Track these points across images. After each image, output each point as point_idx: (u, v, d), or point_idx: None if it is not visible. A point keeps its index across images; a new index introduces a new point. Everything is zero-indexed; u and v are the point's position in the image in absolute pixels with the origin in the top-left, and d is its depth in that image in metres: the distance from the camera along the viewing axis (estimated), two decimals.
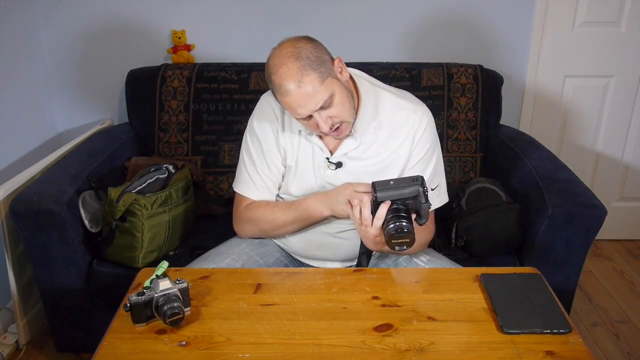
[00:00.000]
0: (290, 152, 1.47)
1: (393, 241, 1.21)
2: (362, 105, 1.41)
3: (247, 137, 1.51)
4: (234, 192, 1.56)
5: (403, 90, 1.51)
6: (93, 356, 1.06)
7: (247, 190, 1.51)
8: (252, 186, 1.50)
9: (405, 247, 1.22)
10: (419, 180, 1.24)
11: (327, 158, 1.44)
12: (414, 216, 1.25)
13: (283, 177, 1.51)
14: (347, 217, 1.35)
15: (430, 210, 1.50)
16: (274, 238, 1.56)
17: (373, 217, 1.25)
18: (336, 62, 1.34)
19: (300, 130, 1.44)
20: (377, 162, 1.44)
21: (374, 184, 1.25)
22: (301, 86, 1.25)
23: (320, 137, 1.44)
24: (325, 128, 1.31)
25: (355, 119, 1.40)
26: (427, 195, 1.24)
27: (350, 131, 1.41)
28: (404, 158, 1.44)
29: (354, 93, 1.41)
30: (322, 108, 1.29)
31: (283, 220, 1.46)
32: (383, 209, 1.24)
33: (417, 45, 2.34)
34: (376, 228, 1.26)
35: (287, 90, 1.26)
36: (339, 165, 1.44)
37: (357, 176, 1.43)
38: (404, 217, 1.22)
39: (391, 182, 1.25)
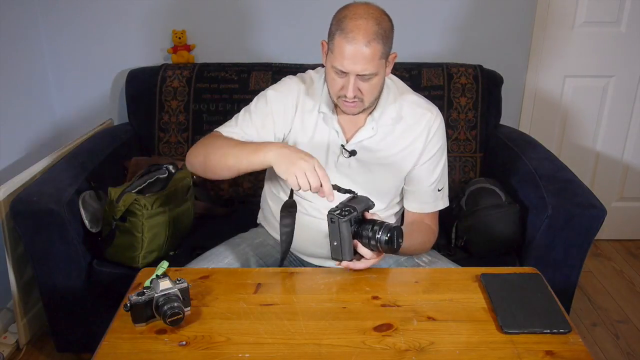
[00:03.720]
0: (302, 135, 1.46)
1: (395, 245, 1.20)
2: (384, 97, 1.43)
3: (255, 100, 1.48)
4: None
5: (417, 92, 1.53)
6: (93, 356, 1.06)
7: (225, 129, 1.45)
8: (233, 127, 1.44)
9: (401, 238, 1.22)
10: (335, 219, 1.21)
11: (343, 145, 1.45)
12: (367, 214, 1.25)
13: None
14: (283, 174, 1.23)
15: (433, 212, 1.52)
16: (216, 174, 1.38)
17: (355, 253, 1.25)
18: (392, 55, 1.36)
19: (322, 113, 1.44)
20: (390, 154, 1.46)
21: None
22: (366, 46, 1.26)
23: (336, 111, 1.44)
24: (350, 93, 1.31)
25: (374, 108, 1.42)
26: (349, 210, 1.22)
27: (365, 119, 1.42)
28: (417, 153, 1.46)
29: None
30: (361, 77, 1.30)
31: (229, 148, 1.33)
32: (362, 250, 1.24)
33: (417, 45, 2.34)
34: (368, 256, 1.25)
35: (354, 39, 1.26)
36: (353, 153, 1.44)
37: (369, 167, 1.45)
38: (374, 223, 1.21)
39: (335, 243, 1.23)
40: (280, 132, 1.46)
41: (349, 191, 1.26)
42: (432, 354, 1.06)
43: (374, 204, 1.27)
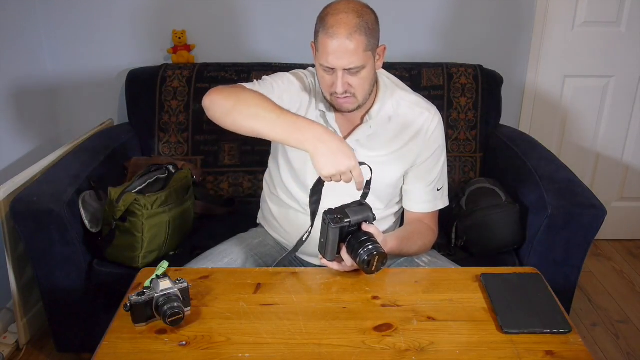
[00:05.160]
0: None
1: (373, 268, 1.21)
2: (380, 95, 1.43)
3: (272, 75, 1.47)
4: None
5: (416, 92, 1.53)
6: (93, 356, 1.06)
7: (250, 84, 1.40)
8: (256, 86, 1.40)
9: (382, 266, 1.22)
10: (327, 221, 1.22)
11: None
12: (365, 225, 1.24)
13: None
14: (316, 170, 1.21)
15: (432, 211, 1.52)
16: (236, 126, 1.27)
17: (339, 248, 1.25)
18: (381, 48, 1.36)
19: (321, 111, 1.44)
20: (386, 154, 1.46)
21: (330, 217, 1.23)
22: (349, 39, 1.26)
23: (333, 109, 1.43)
24: (339, 89, 1.31)
25: (371, 107, 1.43)
26: (342, 216, 1.22)
27: (362, 117, 1.42)
28: (415, 152, 1.46)
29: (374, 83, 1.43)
30: (348, 71, 1.30)
31: (264, 111, 1.22)
32: (344, 256, 1.24)
33: (418, 45, 2.34)
34: (349, 264, 1.25)
35: (335, 33, 1.26)
36: None
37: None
38: (365, 240, 1.21)
39: (322, 240, 1.24)
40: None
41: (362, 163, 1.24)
42: (432, 354, 1.06)
43: (374, 218, 1.27)
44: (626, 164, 2.57)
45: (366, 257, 1.20)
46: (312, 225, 1.36)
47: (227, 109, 1.26)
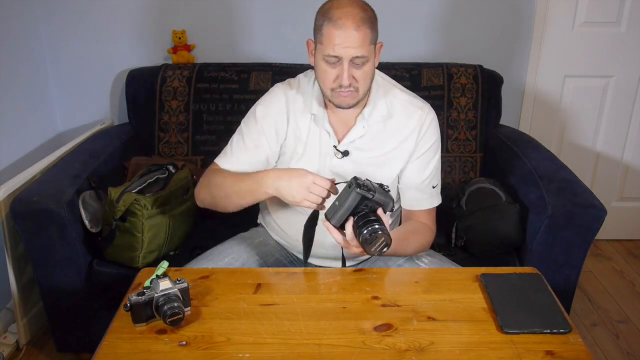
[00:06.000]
0: (297, 139, 1.47)
1: (372, 248, 1.19)
2: (373, 94, 1.44)
3: (245, 119, 1.51)
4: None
5: (409, 91, 1.53)
6: (93, 356, 1.06)
7: (222, 160, 1.49)
8: (229, 157, 1.48)
9: (385, 249, 1.20)
10: (353, 184, 1.21)
11: (335, 146, 1.45)
12: (380, 211, 1.24)
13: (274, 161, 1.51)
14: (294, 204, 1.31)
15: (429, 209, 1.52)
16: (227, 209, 1.45)
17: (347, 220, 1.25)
18: (379, 45, 1.38)
19: (313, 115, 1.45)
20: (382, 153, 1.46)
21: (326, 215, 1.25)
22: (356, 30, 1.28)
23: (326, 105, 1.44)
24: (345, 81, 1.32)
25: (364, 106, 1.43)
26: (369, 188, 1.22)
27: (356, 118, 1.43)
28: (409, 151, 1.46)
29: None
30: (354, 62, 1.31)
31: (230, 187, 1.40)
32: (348, 228, 1.24)
33: (418, 45, 2.34)
34: (355, 246, 1.25)
35: (343, 25, 1.28)
36: (345, 154, 1.45)
37: (362, 167, 1.46)
38: (374, 220, 1.20)
39: (336, 203, 1.24)
40: (275, 145, 1.48)
41: (381, 185, 1.27)
42: (432, 354, 1.06)
43: (392, 209, 1.27)
44: (626, 164, 2.57)
45: (368, 237, 1.18)
46: (305, 262, 1.40)
47: (211, 201, 1.46)
